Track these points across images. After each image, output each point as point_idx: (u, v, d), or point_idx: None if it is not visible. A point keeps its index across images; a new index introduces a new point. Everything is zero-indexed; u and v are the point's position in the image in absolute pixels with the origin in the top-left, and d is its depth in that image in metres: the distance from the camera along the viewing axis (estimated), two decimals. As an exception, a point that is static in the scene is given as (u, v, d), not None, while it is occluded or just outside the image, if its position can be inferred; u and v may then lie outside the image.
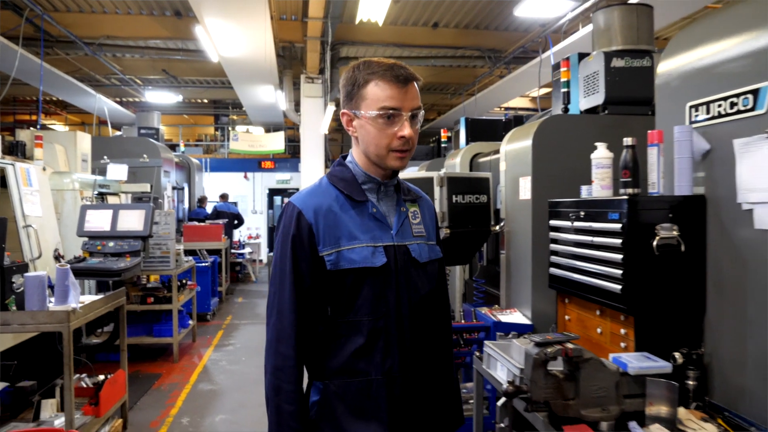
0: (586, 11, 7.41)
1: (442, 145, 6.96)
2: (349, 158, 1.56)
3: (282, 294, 1.44)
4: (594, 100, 3.50)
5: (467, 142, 6.04)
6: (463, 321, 3.65)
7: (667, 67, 2.20)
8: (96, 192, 6.07)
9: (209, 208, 11.94)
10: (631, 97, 3.43)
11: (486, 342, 2.36)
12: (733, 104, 1.83)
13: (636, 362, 1.82)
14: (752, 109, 1.75)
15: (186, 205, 11.68)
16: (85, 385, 4.06)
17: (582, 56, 3.79)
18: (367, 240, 1.46)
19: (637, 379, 1.81)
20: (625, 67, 3.45)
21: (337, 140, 18.18)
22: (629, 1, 4.34)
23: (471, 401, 3.00)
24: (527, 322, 3.26)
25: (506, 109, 14.58)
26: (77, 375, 4.19)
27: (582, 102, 3.67)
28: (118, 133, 12.19)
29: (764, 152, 1.71)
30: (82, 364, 4.54)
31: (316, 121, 10.75)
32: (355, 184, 1.51)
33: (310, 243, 1.44)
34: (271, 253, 12.93)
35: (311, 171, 11.06)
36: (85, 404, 3.72)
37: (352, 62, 1.49)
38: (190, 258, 7.20)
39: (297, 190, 14.42)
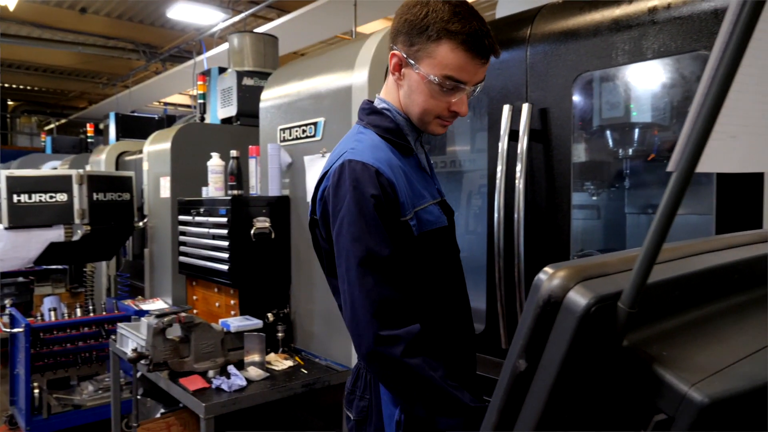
0: (237, 23, 8.06)
1: (89, 140, 6.71)
2: (382, 104, 1.32)
3: (375, 268, 1.13)
4: (229, 111, 4.05)
5: (117, 138, 6.02)
6: (104, 313, 3.79)
7: (267, 96, 2.85)
8: None
9: None
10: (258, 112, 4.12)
11: (118, 324, 2.64)
12: (304, 131, 2.55)
13: (237, 323, 2.39)
14: (314, 136, 2.50)
15: None
16: None
17: (222, 70, 4.31)
18: (429, 197, 1.28)
19: (238, 335, 2.38)
20: (254, 85, 4.08)
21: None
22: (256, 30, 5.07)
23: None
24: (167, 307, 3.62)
25: (166, 104, 14.40)
26: None
27: (220, 112, 4.19)
28: None
29: (319, 165, 2.46)
30: None
31: None
32: (402, 134, 1.30)
33: (396, 206, 1.18)
34: None
35: None
36: None
37: None
38: None
39: None
